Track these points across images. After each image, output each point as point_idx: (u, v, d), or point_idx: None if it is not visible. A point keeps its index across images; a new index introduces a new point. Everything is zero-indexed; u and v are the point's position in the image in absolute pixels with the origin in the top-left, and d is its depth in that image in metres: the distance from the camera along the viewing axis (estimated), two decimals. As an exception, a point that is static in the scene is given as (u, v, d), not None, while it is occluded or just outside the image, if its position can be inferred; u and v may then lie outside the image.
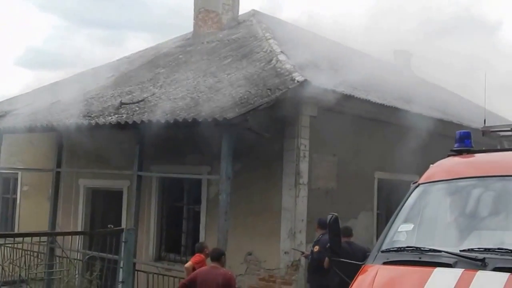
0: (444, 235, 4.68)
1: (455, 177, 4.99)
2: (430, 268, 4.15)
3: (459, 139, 5.55)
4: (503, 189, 4.72)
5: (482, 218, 4.64)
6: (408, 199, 5.08)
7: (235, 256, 10.50)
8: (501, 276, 3.85)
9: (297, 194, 10.27)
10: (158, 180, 12.08)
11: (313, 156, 10.65)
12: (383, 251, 4.65)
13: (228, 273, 7.54)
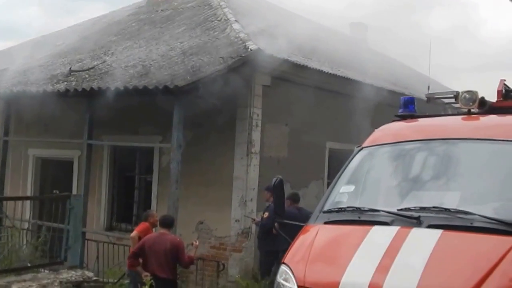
0: (384, 196, 4.78)
1: (397, 141, 5.09)
2: (368, 226, 4.25)
3: (403, 104, 5.65)
4: (442, 152, 4.83)
5: (421, 180, 4.74)
6: (351, 162, 5.17)
7: (186, 225, 10.52)
8: (435, 232, 3.96)
9: (248, 163, 10.31)
10: (110, 150, 11.93)
11: (266, 125, 10.69)
12: (325, 212, 4.72)
13: (176, 239, 7.55)
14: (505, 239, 3.81)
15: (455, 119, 5.30)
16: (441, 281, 3.65)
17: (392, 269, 3.78)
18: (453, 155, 4.76)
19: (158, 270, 7.06)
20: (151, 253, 7.18)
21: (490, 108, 5.38)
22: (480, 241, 3.87)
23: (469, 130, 4.95)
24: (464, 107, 5.24)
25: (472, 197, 4.38)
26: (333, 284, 3.88)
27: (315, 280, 4.02)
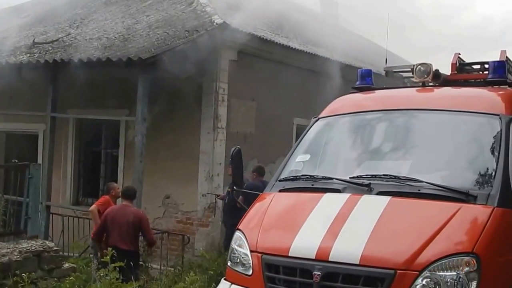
0: (337, 164, 4.87)
1: (351, 111, 5.17)
2: (320, 193, 4.34)
3: (360, 77, 5.73)
4: (395, 122, 4.94)
5: (374, 149, 4.85)
6: (308, 132, 5.24)
7: (153, 199, 10.54)
8: (383, 199, 4.07)
9: (215, 137, 10.33)
10: (75, 124, 11.81)
11: (232, 100, 10.69)
12: (280, 180, 4.80)
13: (139, 211, 7.56)
14: (450, 205, 3.93)
15: (409, 90, 5.40)
16: (387, 245, 3.76)
17: (340, 234, 3.88)
18: (405, 126, 4.86)
19: (119, 242, 7.07)
20: (113, 225, 7.18)
21: (444, 81, 5.49)
22: (426, 207, 3.99)
23: (422, 101, 5.05)
24: (419, 80, 5.34)
25: (422, 165, 4.49)
26: (284, 248, 3.97)
27: (267, 245, 4.10)
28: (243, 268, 4.19)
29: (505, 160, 4.20)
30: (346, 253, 3.75)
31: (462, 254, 3.62)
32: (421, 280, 3.57)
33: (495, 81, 5.15)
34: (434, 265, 3.59)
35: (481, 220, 3.81)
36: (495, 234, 3.79)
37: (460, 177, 4.25)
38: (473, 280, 3.57)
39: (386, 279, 3.59)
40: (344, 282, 3.68)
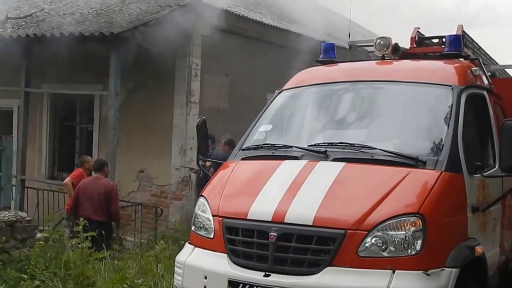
0: (297, 133, 5.07)
1: (313, 83, 5.36)
2: (280, 161, 4.54)
3: (324, 50, 5.92)
4: (354, 93, 5.14)
5: (333, 119, 5.05)
6: (271, 104, 5.42)
7: (127, 173, 10.68)
8: (338, 165, 4.28)
9: (188, 112, 10.46)
10: (50, 99, 11.85)
11: (205, 75, 10.81)
12: (243, 149, 4.99)
13: (110, 183, 7.71)
14: (400, 169, 4.16)
15: (369, 63, 5.61)
16: (338, 207, 3.98)
17: (296, 198, 4.08)
18: (363, 97, 5.07)
19: (91, 213, 7.24)
20: (85, 197, 7.33)
21: (403, 54, 5.70)
22: (378, 172, 4.21)
23: (380, 73, 5.26)
24: (379, 53, 5.54)
25: (378, 134, 4.71)
26: (243, 212, 4.17)
27: (227, 210, 4.30)
28: (205, 232, 4.39)
29: (454, 128, 4.43)
30: (300, 215, 3.96)
31: (408, 215, 3.85)
32: (370, 239, 3.80)
33: (451, 54, 5.36)
34: (382, 225, 3.81)
35: (428, 183, 4.04)
36: (441, 196, 4.02)
37: (412, 144, 4.47)
38: (418, 238, 3.80)
39: (337, 238, 3.81)
40: (298, 242, 3.89)
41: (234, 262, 4.07)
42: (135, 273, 6.40)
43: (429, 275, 3.74)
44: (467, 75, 5.05)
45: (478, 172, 4.47)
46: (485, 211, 4.62)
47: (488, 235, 4.78)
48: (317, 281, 3.76)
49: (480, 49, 6.55)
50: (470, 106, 4.79)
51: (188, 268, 4.34)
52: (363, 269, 3.76)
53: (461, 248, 4.08)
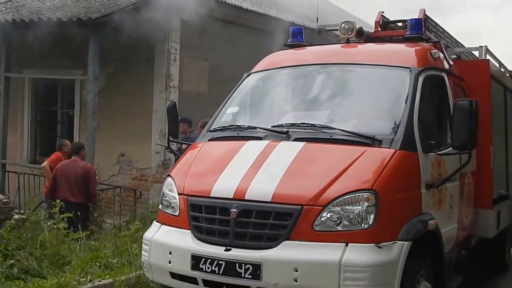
0: (263, 115, 5.24)
1: (279, 66, 5.54)
2: (244, 141, 4.71)
3: (292, 34, 6.08)
4: (318, 76, 5.32)
5: (297, 101, 5.24)
6: (239, 87, 5.59)
7: (108, 157, 10.82)
8: (299, 144, 4.47)
9: (167, 96, 10.57)
10: (31, 84, 11.94)
11: (185, 60, 10.92)
12: (211, 131, 5.16)
13: (87, 165, 7.86)
14: (357, 148, 4.35)
15: (334, 46, 5.77)
16: (296, 184, 4.17)
17: (256, 176, 4.27)
18: (326, 79, 5.26)
19: (69, 195, 7.40)
20: (63, 179, 7.48)
21: (368, 38, 5.87)
22: (336, 151, 4.40)
23: (343, 56, 5.44)
24: (344, 36, 5.71)
25: (338, 115, 4.90)
26: (206, 190, 4.35)
27: (192, 188, 4.47)
28: (172, 210, 4.57)
29: (410, 109, 4.62)
30: (259, 192, 4.14)
31: (362, 191, 4.04)
32: (325, 214, 3.99)
33: (412, 37, 5.54)
34: (336, 200, 4.01)
35: (382, 161, 4.23)
36: (394, 173, 4.22)
37: (370, 124, 4.66)
38: (371, 213, 4.00)
39: (294, 214, 4.00)
40: (257, 218, 4.08)
41: (198, 238, 4.25)
42: (111, 253, 6.60)
43: (380, 247, 3.94)
44: (426, 57, 5.23)
45: (433, 151, 4.66)
46: (440, 188, 4.83)
47: (444, 211, 4.99)
48: (274, 255, 3.96)
49: (444, 32, 6.73)
50: (428, 87, 4.98)
51: (154, 244, 4.52)
52: (318, 243, 3.95)
53: (413, 223, 4.28)
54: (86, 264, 5.92)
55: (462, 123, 4.42)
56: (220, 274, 4.05)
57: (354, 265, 3.84)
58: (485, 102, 6.21)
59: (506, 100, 7.40)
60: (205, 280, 4.16)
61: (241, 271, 3.98)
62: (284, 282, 3.90)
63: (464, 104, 4.48)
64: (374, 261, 3.87)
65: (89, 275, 5.70)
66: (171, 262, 4.34)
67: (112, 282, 5.62)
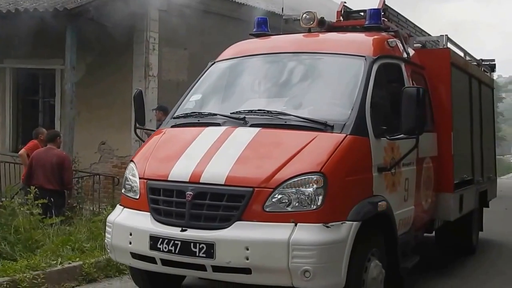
0: (224, 102, 5.41)
1: (243, 55, 5.70)
2: (203, 127, 4.89)
3: (257, 24, 6.25)
4: (278, 64, 5.49)
5: (257, 88, 5.42)
6: (203, 75, 5.76)
7: (89, 145, 10.99)
8: (254, 129, 4.65)
9: (146, 85, 10.73)
10: (12, 74, 12.06)
11: (163, 49, 11.06)
12: (174, 118, 5.33)
13: (62, 153, 8.03)
14: (310, 133, 4.53)
15: (296, 36, 5.94)
16: (249, 168, 4.35)
17: (212, 160, 4.45)
18: (286, 67, 5.43)
19: (44, 182, 7.56)
20: (38, 166, 7.64)
21: (330, 27, 6.04)
22: (289, 136, 4.58)
23: (303, 46, 5.61)
24: (306, 26, 5.88)
25: (296, 102, 5.07)
26: (164, 175, 4.53)
27: (152, 173, 4.65)
28: (133, 193, 4.74)
29: (363, 96, 4.80)
30: (214, 176, 4.33)
31: (311, 174, 4.22)
32: (275, 196, 4.17)
33: (371, 26, 5.71)
34: (286, 183, 4.19)
35: (332, 145, 4.41)
36: (344, 157, 4.40)
37: (324, 111, 4.84)
38: (319, 195, 4.18)
39: (246, 196, 4.18)
40: (211, 200, 4.26)
41: (156, 220, 4.43)
42: (85, 237, 6.78)
43: (328, 227, 4.13)
44: (383, 46, 5.40)
45: (385, 136, 4.85)
46: (394, 172, 5.02)
47: (399, 194, 5.18)
48: (226, 234, 4.14)
49: (407, 21, 6.91)
50: (383, 75, 5.16)
51: (116, 226, 4.70)
52: (269, 223, 4.14)
53: (363, 204, 4.46)
54: (57, 247, 6.10)
55: (410, 109, 4.61)
56: (176, 254, 4.24)
57: (302, 244, 4.02)
58: (446, 90, 6.44)
59: (471, 87, 7.59)
60: (163, 260, 4.35)
61: (196, 250, 4.17)
62: (236, 260, 4.09)
63: (411, 91, 4.66)
64: (322, 240, 4.06)
65: (59, 257, 5.89)
66: (131, 243, 4.52)
67: (81, 264, 5.82)
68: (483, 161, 8.07)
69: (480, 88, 8.14)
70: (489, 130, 8.76)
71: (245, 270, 4.11)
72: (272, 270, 4.07)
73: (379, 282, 4.61)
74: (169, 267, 4.38)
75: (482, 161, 8.05)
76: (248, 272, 4.11)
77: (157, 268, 4.47)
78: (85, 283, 5.70)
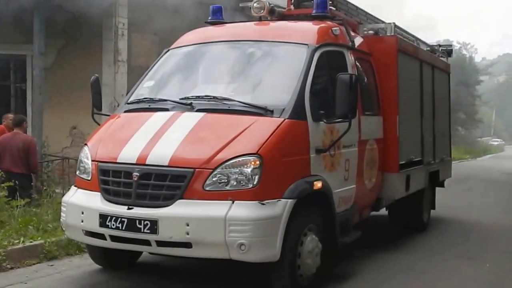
0: (175, 88, 5.69)
1: (194, 43, 5.99)
2: (153, 112, 5.18)
3: (212, 12, 6.53)
4: (227, 51, 5.78)
5: (206, 75, 5.71)
6: (157, 62, 6.04)
7: (60, 130, 11.21)
8: (199, 114, 4.95)
9: (116, 70, 10.93)
10: (-16, 60, 12.16)
11: (133, 34, 11.26)
12: (127, 103, 5.62)
13: (28, 137, 8.27)
14: (250, 118, 4.84)
15: (247, 24, 6.23)
16: (191, 150, 4.66)
17: (158, 143, 4.76)
18: (235, 54, 5.72)
19: (12, 166, 7.81)
20: (6, 151, 7.87)
21: (281, 16, 6.33)
22: (232, 120, 4.89)
23: (253, 33, 5.90)
24: (256, 15, 6.16)
25: (242, 88, 5.38)
26: (114, 157, 4.84)
27: (102, 155, 4.95)
28: (86, 175, 5.04)
29: (303, 82, 5.12)
30: (158, 157, 4.63)
31: (248, 155, 4.54)
32: (215, 176, 4.49)
33: (318, 15, 6.01)
34: (225, 163, 4.51)
35: (270, 128, 4.73)
36: (280, 140, 4.72)
37: (266, 96, 5.15)
38: (256, 175, 4.50)
39: (187, 176, 4.50)
40: (156, 180, 4.57)
41: (106, 199, 4.74)
42: (52, 218, 7.06)
43: (264, 204, 4.46)
44: (326, 34, 5.71)
45: (323, 120, 5.17)
46: (333, 153, 5.36)
47: (338, 173, 5.51)
48: (168, 212, 4.47)
49: (358, 9, 7.21)
50: (325, 62, 5.47)
51: (69, 206, 5.01)
52: (208, 201, 4.46)
53: (299, 183, 4.79)
54: (21, 227, 6.38)
55: (343, 94, 4.93)
56: (123, 230, 4.56)
57: (237, 220, 4.35)
58: (392, 75, 6.78)
59: (422, 72, 7.93)
60: (112, 236, 4.66)
61: (141, 226, 4.49)
62: (178, 235, 4.42)
63: (344, 78, 4.97)
64: (256, 216, 4.39)
65: (22, 237, 6.17)
66: (83, 221, 4.83)
67: (43, 243, 6.11)
68: (435, 143, 8.45)
69: (433, 73, 8.49)
70: (443, 113, 9.13)
71: (186, 244, 4.44)
72: (211, 244, 4.41)
73: (315, 255, 4.95)
74: (118, 243, 4.70)
75: (434, 143, 8.43)
76: (189, 246, 4.44)
77: (107, 244, 4.78)
78: (46, 260, 5.99)
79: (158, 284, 5.39)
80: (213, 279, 5.52)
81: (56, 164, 10.82)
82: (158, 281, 5.46)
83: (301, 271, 4.84)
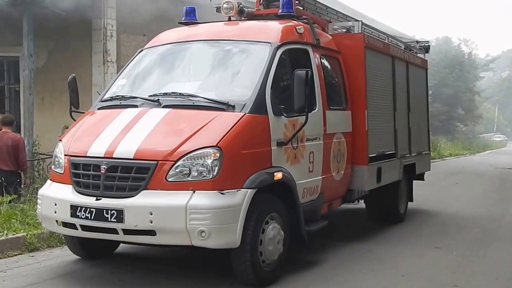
0: (145, 86, 5.97)
1: (165, 43, 6.28)
2: (123, 109, 5.47)
3: (186, 13, 6.80)
4: (195, 50, 6.08)
5: (174, 73, 6.02)
6: (131, 61, 6.33)
7: (52, 129, 11.46)
8: (165, 110, 5.24)
9: (105, 71, 11.27)
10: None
11: (122, 35, 11.58)
12: (102, 101, 5.91)
13: (17, 136, 8.59)
14: (213, 113, 5.13)
15: (216, 24, 6.51)
16: (155, 143, 4.95)
17: (125, 137, 5.05)
18: (203, 53, 6.03)
19: (1, 164, 8.14)
20: (-5, 150, 8.21)
21: (250, 15, 6.61)
22: (195, 115, 5.18)
23: (220, 33, 6.19)
24: (226, 15, 6.45)
25: (207, 85, 5.67)
26: (84, 151, 5.15)
27: (74, 150, 5.26)
28: (59, 169, 5.35)
29: (264, 78, 5.39)
30: (124, 151, 4.93)
31: (209, 148, 4.82)
32: (177, 167, 4.78)
33: (285, 14, 6.29)
34: (186, 156, 4.79)
35: (231, 122, 5.01)
36: (240, 133, 5.00)
37: (229, 92, 5.44)
38: (216, 166, 4.79)
39: (151, 168, 4.79)
40: (122, 172, 4.87)
41: (76, 191, 5.05)
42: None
43: (223, 193, 4.74)
44: (289, 33, 5.98)
45: (283, 114, 5.44)
46: (296, 146, 5.63)
47: (302, 165, 5.78)
48: (133, 202, 4.76)
49: (327, 8, 7.47)
50: (288, 60, 5.75)
51: (44, 198, 5.31)
52: (171, 191, 4.75)
53: (260, 174, 5.06)
54: (5, 221, 6.70)
55: (300, 89, 5.20)
56: (92, 219, 4.86)
57: (197, 208, 4.64)
58: (360, 71, 7.04)
59: (394, 68, 8.17)
60: (82, 225, 4.96)
61: (108, 216, 4.79)
62: (142, 223, 4.71)
63: (300, 73, 5.24)
64: (215, 205, 4.68)
65: (6, 230, 6.49)
66: (56, 212, 5.13)
67: (25, 235, 6.42)
68: (410, 137, 8.69)
69: (408, 69, 8.73)
70: (420, 108, 9.38)
71: (150, 232, 4.74)
72: (173, 231, 4.70)
73: (277, 242, 5.23)
74: (88, 232, 5.00)
75: (409, 137, 8.67)
76: (153, 233, 4.74)
77: (79, 233, 5.09)
78: (27, 251, 6.30)
79: (134, 273, 5.64)
80: (186, 269, 5.80)
81: (49, 163, 11.15)
82: (135, 271, 5.67)
83: (263, 257, 5.12)
